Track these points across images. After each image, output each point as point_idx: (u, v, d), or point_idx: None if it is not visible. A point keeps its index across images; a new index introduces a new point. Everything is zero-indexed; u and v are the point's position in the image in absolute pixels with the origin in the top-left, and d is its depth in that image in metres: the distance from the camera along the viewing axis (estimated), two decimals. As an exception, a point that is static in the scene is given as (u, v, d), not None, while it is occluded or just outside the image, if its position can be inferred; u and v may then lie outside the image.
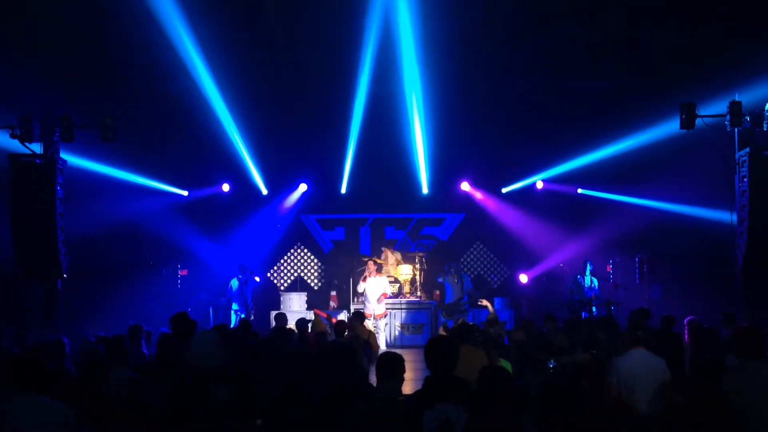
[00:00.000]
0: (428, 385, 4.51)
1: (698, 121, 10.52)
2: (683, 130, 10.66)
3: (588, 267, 14.12)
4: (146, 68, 11.28)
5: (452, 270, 14.38)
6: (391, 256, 15.37)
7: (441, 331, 10.21)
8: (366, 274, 12.88)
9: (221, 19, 10.47)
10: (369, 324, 12.27)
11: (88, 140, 11.18)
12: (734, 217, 10.76)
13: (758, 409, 4.88)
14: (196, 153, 15.11)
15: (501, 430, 4.02)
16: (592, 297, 13.70)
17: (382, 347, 12.26)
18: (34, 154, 10.76)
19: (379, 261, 14.72)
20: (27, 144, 10.61)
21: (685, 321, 9.01)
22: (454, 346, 4.81)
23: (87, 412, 4.27)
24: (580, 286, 14.05)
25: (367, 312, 12.52)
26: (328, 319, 11.47)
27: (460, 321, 10.22)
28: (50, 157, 10.83)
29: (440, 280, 14.54)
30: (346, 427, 4.41)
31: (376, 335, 12.39)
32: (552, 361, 6.21)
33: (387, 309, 13.36)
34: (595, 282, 14.06)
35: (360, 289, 12.90)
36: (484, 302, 11.59)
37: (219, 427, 4.42)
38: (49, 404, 4.03)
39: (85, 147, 11.58)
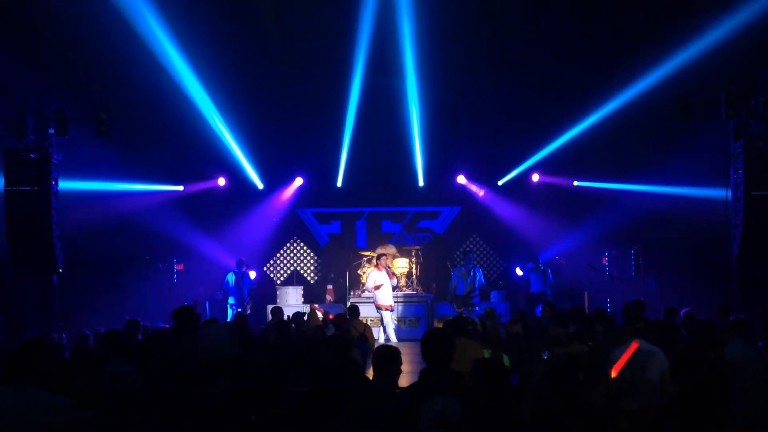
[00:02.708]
0: (425, 377, 4.52)
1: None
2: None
3: (538, 260, 14.27)
4: (137, 64, 11.24)
5: (464, 263, 14.36)
6: (381, 251, 15.33)
7: (436, 324, 10.23)
8: (389, 268, 12.89)
9: (212, 11, 10.44)
10: (386, 315, 12.54)
11: (83, 134, 11.15)
12: (729, 207, 10.81)
13: None
14: (191, 148, 15.03)
15: (497, 422, 4.03)
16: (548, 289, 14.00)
17: (393, 339, 12.31)
18: (28, 148, 10.74)
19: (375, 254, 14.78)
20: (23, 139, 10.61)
21: (681, 313, 9.06)
22: (451, 338, 4.82)
23: (82, 404, 4.28)
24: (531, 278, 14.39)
25: (381, 303, 12.57)
26: (325, 314, 11.48)
27: (459, 314, 10.25)
28: (45, 152, 10.81)
29: (454, 272, 14.45)
30: (341, 418, 4.42)
31: (384, 327, 12.48)
32: (546, 352, 6.22)
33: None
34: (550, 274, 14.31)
35: (380, 281, 12.81)
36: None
37: (216, 421, 4.42)
38: (40, 394, 4.05)
39: (80, 142, 11.54)
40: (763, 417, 4.94)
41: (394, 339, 12.39)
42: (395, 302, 13.98)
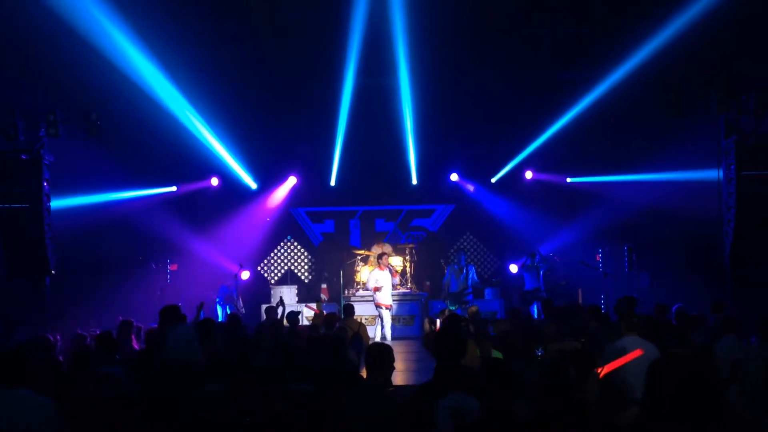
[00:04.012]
0: (439, 374, 4.52)
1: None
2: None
3: (534, 258, 14.31)
4: (127, 65, 11.21)
5: (456, 261, 14.36)
6: (378, 249, 15.32)
7: (427, 325, 10.24)
8: (392, 266, 12.87)
9: (203, 10, 10.41)
10: (385, 314, 12.54)
11: (74, 135, 11.10)
12: (721, 203, 10.83)
13: None
14: (184, 149, 14.93)
15: (510, 417, 4.05)
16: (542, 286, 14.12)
17: (389, 337, 12.31)
18: (20, 149, 10.70)
19: (370, 253, 14.79)
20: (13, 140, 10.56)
21: (673, 309, 9.08)
22: (463, 336, 4.85)
23: (73, 407, 4.28)
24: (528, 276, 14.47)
25: (381, 302, 12.55)
26: (320, 314, 11.49)
27: (447, 313, 10.25)
28: (36, 153, 10.76)
29: (448, 269, 14.41)
30: (335, 416, 4.42)
31: (383, 325, 12.48)
32: (540, 349, 6.23)
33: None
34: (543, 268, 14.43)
35: (381, 282, 12.76)
36: None
37: (210, 421, 4.41)
38: (29, 396, 4.04)
39: (72, 145, 11.49)
40: (758, 412, 4.95)
41: (389, 337, 12.40)
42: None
